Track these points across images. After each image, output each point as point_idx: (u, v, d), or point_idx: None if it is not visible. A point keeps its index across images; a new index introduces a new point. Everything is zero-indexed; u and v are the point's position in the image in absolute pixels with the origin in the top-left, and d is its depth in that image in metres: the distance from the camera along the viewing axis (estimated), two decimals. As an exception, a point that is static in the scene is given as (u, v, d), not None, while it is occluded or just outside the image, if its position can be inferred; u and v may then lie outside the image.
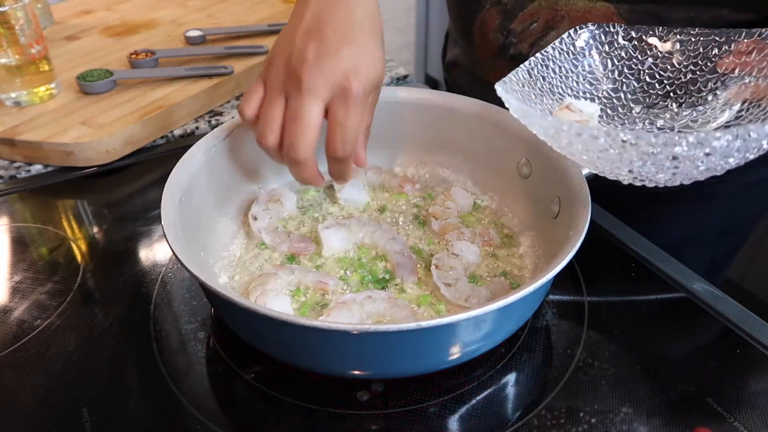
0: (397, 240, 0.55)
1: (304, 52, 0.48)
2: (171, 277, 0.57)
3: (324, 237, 0.54)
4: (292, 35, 0.50)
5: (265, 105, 0.51)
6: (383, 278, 0.52)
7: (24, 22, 0.76)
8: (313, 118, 0.49)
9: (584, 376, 0.47)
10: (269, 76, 0.51)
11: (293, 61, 0.49)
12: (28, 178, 0.72)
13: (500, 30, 0.70)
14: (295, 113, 0.49)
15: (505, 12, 0.69)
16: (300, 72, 0.48)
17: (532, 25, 0.67)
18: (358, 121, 0.50)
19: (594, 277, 0.56)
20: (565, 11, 0.65)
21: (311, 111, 0.48)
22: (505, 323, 0.46)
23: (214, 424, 0.44)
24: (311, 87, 0.48)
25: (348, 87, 0.48)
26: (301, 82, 0.48)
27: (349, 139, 0.50)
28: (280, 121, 0.50)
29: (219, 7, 1.09)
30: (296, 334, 0.42)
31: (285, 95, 0.50)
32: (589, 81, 0.57)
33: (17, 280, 0.57)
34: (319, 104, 0.49)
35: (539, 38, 0.66)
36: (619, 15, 0.62)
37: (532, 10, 0.67)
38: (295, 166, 0.51)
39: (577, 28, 0.56)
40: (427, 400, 0.46)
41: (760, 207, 0.77)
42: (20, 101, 0.78)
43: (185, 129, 0.80)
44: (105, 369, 0.48)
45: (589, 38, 0.57)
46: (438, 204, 0.59)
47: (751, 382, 0.47)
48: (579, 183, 0.49)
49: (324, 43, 0.48)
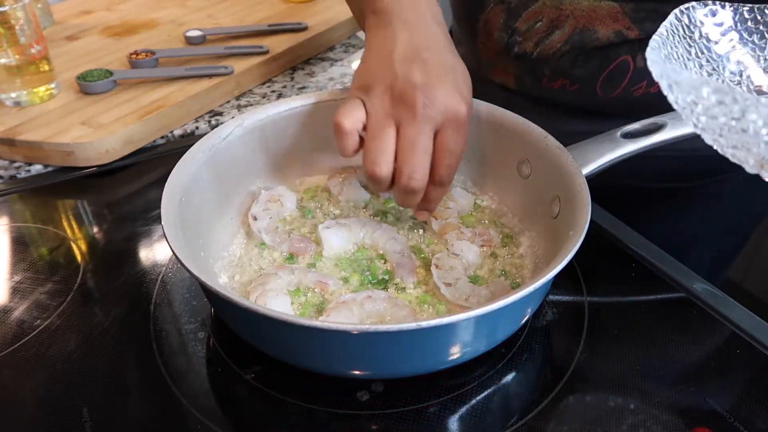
0: (397, 240, 0.54)
1: (411, 78, 0.47)
2: (171, 277, 0.57)
3: (324, 237, 0.54)
4: (390, 61, 0.49)
5: (373, 131, 0.48)
6: (383, 279, 0.52)
7: (24, 22, 0.76)
8: (429, 144, 0.48)
9: (584, 376, 0.47)
10: (371, 101, 0.49)
11: (400, 85, 0.48)
12: (28, 178, 0.72)
13: (504, 29, 0.70)
14: (411, 140, 0.47)
15: (510, 11, 0.69)
16: (412, 97, 0.47)
17: (537, 24, 0.67)
18: (463, 147, 0.49)
19: (594, 277, 0.56)
20: (570, 10, 0.64)
21: (427, 138, 0.47)
22: (505, 323, 0.46)
23: (214, 424, 0.44)
24: (425, 113, 0.47)
25: (460, 114, 0.48)
26: (415, 107, 0.47)
27: (455, 165, 0.49)
28: (392, 151, 0.48)
29: (219, 7, 1.09)
30: (296, 334, 0.42)
31: (396, 122, 0.48)
32: (706, 70, 0.49)
33: (17, 280, 0.57)
34: (433, 130, 0.48)
35: (544, 37, 0.66)
36: (624, 14, 0.62)
37: (537, 9, 0.66)
38: (410, 195, 0.49)
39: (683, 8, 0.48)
40: (427, 400, 0.46)
41: (762, 205, 0.77)
42: (20, 101, 0.78)
43: (185, 129, 0.80)
44: (105, 369, 0.48)
45: (708, 17, 0.49)
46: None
47: (751, 382, 0.47)
48: (579, 183, 0.49)
49: (430, 69, 0.48)
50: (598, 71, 0.65)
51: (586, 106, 0.68)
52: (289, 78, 0.93)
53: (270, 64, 0.91)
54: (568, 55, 0.66)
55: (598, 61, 0.64)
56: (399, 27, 0.50)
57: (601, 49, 0.63)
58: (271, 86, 0.90)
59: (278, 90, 0.89)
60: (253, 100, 0.87)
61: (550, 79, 0.69)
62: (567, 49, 0.65)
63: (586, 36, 0.64)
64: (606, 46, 0.63)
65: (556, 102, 0.69)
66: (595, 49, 0.64)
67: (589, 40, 0.64)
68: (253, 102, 0.86)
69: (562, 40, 0.65)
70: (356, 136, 0.49)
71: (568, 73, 0.67)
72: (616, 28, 0.63)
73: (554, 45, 0.66)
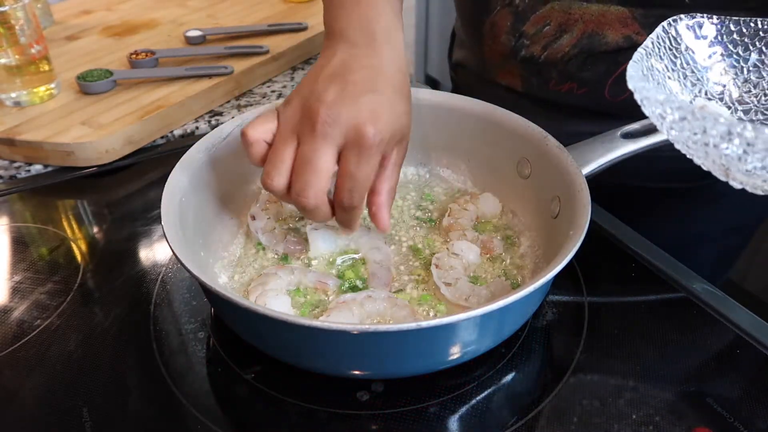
0: (380, 250, 0.54)
1: (324, 94, 0.46)
2: (171, 277, 0.57)
3: (311, 238, 0.54)
4: (315, 78, 0.48)
5: (275, 144, 0.48)
6: (355, 286, 0.52)
7: (24, 22, 0.76)
8: (325, 163, 0.46)
9: (584, 376, 0.47)
10: (284, 113, 0.48)
11: (310, 101, 0.46)
12: (28, 178, 0.72)
13: (512, 32, 0.69)
14: (306, 157, 0.46)
15: (517, 14, 0.68)
16: (316, 113, 0.45)
17: (545, 27, 0.66)
18: (369, 172, 0.47)
19: (594, 277, 0.56)
20: (579, 15, 0.64)
21: (323, 156, 0.46)
22: (505, 323, 0.46)
23: (214, 424, 0.44)
24: (325, 130, 0.45)
25: (363, 134, 0.45)
26: (315, 124, 0.45)
27: (358, 190, 0.47)
28: (289, 164, 0.47)
29: (219, 7, 1.09)
30: (296, 334, 0.42)
31: (297, 136, 0.47)
32: (690, 81, 0.51)
33: (17, 280, 0.57)
34: (332, 149, 0.46)
35: (552, 41, 0.66)
36: (633, 19, 0.62)
37: (545, 12, 0.66)
38: (305, 212, 0.48)
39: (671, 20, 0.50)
40: (427, 400, 0.46)
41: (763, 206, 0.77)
42: (20, 101, 0.78)
43: (185, 129, 0.80)
44: (105, 369, 0.48)
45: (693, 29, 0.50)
46: (459, 203, 0.59)
47: (751, 382, 0.47)
48: (579, 183, 0.49)
49: (346, 88, 0.46)
50: (606, 75, 0.65)
51: (593, 108, 0.68)
52: (289, 78, 0.93)
53: (270, 64, 0.91)
54: (576, 59, 0.65)
55: (606, 65, 0.64)
56: (341, 48, 0.49)
57: (609, 53, 0.63)
58: (271, 86, 0.90)
59: (278, 90, 0.89)
60: (253, 100, 0.87)
61: (557, 82, 0.68)
62: (575, 52, 0.65)
63: (595, 40, 0.64)
64: (615, 51, 0.63)
65: (563, 105, 0.69)
66: (603, 53, 0.64)
67: (597, 45, 0.64)
68: (253, 102, 0.86)
69: (571, 44, 0.65)
70: (262, 145, 0.48)
71: (576, 76, 0.66)
72: (625, 32, 0.62)
73: (562, 49, 0.66)
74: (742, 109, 0.52)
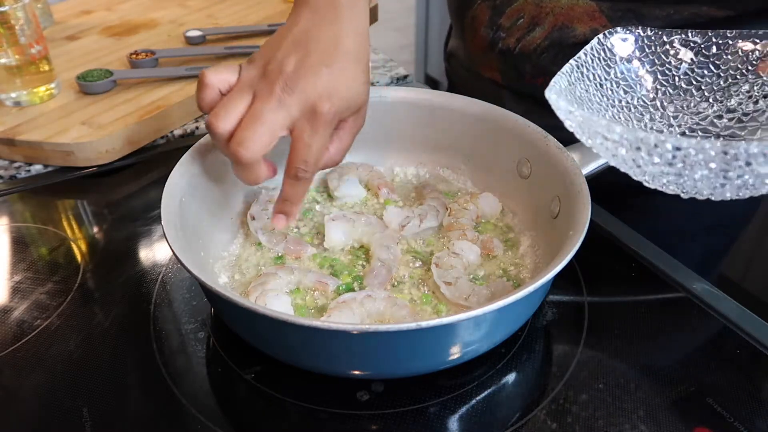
0: (390, 249, 0.54)
1: (284, 62, 0.47)
2: (171, 277, 0.57)
3: (328, 228, 0.54)
4: (279, 43, 0.49)
5: (231, 92, 0.48)
6: (348, 284, 0.52)
7: (24, 22, 0.76)
8: (275, 122, 0.47)
9: (584, 376, 0.47)
10: (246, 70, 0.49)
11: (271, 67, 0.47)
12: (28, 178, 0.72)
13: (490, 25, 0.71)
14: (258, 111, 0.47)
15: (495, 8, 0.71)
16: (275, 81, 0.47)
17: (519, 20, 0.68)
18: (322, 143, 0.48)
19: (594, 277, 0.56)
20: (550, 8, 0.66)
21: (275, 116, 0.47)
22: (505, 323, 0.46)
23: (214, 424, 0.44)
24: (282, 97, 0.46)
25: (319, 109, 0.47)
26: (273, 87, 0.47)
27: (312, 160, 0.48)
28: (239, 114, 0.47)
29: (219, 7, 1.09)
30: (296, 334, 0.42)
31: (254, 93, 0.48)
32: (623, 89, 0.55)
33: (17, 280, 0.57)
34: (285, 114, 0.47)
35: (525, 34, 0.68)
36: (600, 12, 0.64)
37: (519, 6, 0.68)
38: (238, 165, 0.48)
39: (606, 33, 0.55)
40: (427, 400, 0.46)
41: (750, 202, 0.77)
42: (20, 101, 0.78)
43: (185, 129, 0.80)
44: (105, 369, 0.48)
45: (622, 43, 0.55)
46: (459, 203, 0.59)
47: (751, 382, 0.47)
48: (579, 183, 0.49)
49: (306, 59, 0.47)
50: None
51: None
52: (289, 78, 0.93)
53: (270, 64, 0.91)
54: (548, 52, 0.67)
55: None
56: (305, 14, 0.50)
57: (579, 46, 0.64)
58: (271, 86, 0.90)
59: (278, 90, 0.89)
60: (253, 100, 0.87)
61: (532, 76, 0.70)
62: (546, 45, 0.67)
63: (565, 33, 0.65)
64: (584, 43, 0.63)
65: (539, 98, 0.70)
66: (573, 45, 0.65)
67: (567, 37, 0.65)
68: (253, 102, 0.86)
69: (542, 36, 0.67)
70: (215, 91, 0.49)
71: (548, 70, 0.67)
72: (593, 26, 0.64)
73: (534, 41, 0.68)
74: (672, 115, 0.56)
